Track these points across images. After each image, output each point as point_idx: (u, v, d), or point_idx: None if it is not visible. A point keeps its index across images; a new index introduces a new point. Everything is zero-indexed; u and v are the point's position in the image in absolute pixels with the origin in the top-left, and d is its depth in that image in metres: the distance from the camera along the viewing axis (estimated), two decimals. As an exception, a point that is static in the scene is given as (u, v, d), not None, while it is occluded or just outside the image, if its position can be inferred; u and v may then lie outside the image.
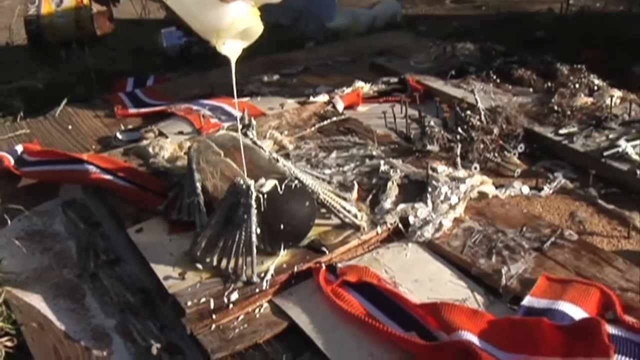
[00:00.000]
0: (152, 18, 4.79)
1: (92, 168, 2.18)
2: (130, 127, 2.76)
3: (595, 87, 2.68)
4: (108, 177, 2.15)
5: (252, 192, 1.60)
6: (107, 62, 3.81)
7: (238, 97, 2.77)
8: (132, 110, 2.92)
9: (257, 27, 1.54)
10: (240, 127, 2.01)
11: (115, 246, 1.95)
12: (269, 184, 1.63)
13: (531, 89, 2.75)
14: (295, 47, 3.82)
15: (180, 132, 2.55)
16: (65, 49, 4.01)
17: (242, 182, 1.63)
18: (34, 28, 4.37)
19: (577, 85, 2.68)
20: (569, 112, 2.47)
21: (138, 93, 3.13)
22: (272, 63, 3.39)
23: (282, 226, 1.65)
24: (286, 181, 1.67)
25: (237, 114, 2.57)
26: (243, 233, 1.62)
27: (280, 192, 1.64)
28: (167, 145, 2.32)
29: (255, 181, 1.64)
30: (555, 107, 2.51)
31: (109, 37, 4.45)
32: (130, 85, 3.29)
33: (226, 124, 2.56)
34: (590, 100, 2.57)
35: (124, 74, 3.51)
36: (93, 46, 4.12)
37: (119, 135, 2.65)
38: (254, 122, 2.09)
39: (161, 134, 2.54)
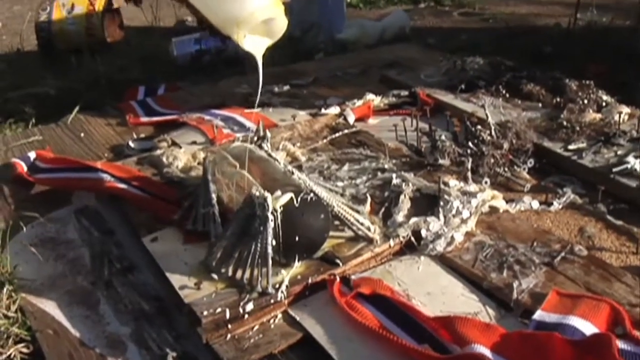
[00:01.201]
0: (162, 26, 4.82)
1: (106, 176, 2.20)
2: (142, 135, 2.78)
3: (604, 103, 2.70)
4: (122, 185, 2.17)
5: (268, 205, 1.62)
6: (118, 70, 3.83)
7: (248, 107, 2.84)
8: (144, 119, 2.95)
9: (281, 22, 1.51)
10: (255, 138, 2.03)
11: (129, 254, 1.96)
12: (285, 197, 1.65)
13: (540, 104, 2.78)
14: (305, 58, 3.85)
15: (194, 142, 2.57)
16: (75, 56, 4.04)
17: (258, 194, 1.65)
18: (45, 34, 4.40)
19: (585, 101, 2.71)
20: (577, 128, 2.49)
21: (149, 101, 3.15)
22: (282, 74, 3.41)
23: (297, 238, 1.67)
24: (302, 194, 1.69)
25: (250, 124, 2.62)
26: (259, 244, 1.64)
27: (296, 205, 1.66)
28: (181, 155, 2.34)
29: (271, 194, 1.66)
30: (564, 123, 2.54)
31: (119, 44, 4.48)
32: (141, 94, 3.31)
33: (239, 135, 2.58)
34: (598, 116, 2.60)
35: (134, 82, 3.53)
36: (103, 53, 4.15)
37: (131, 144, 2.67)
38: (268, 134, 2.12)
39: (174, 143, 2.56)
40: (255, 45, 1.55)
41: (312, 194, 1.72)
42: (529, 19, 5.03)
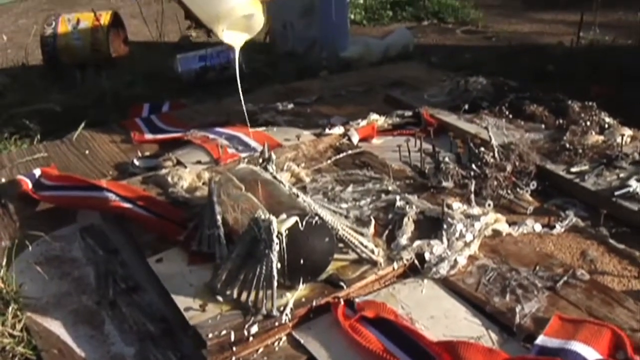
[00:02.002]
0: (167, 41, 4.85)
1: (111, 196, 2.22)
2: (147, 153, 2.81)
3: (606, 125, 2.72)
4: (128, 205, 2.18)
5: (273, 229, 1.63)
6: (123, 86, 3.86)
7: (253, 126, 2.87)
8: (149, 137, 2.97)
9: (259, 18, 1.62)
10: (260, 160, 2.05)
11: (134, 274, 1.97)
12: (290, 221, 1.67)
13: (543, 126, 2.80)
14: (308, 76, 3.88)
15: (199, 162, 2.59)
16: (80, 71, 4.06)
17: (263, 217, 1.67)
18: (50, 49, 4.42)
19: (588, 123, 2.73)
20: (580, 150, 2.51)
21: (154, 119, 3.18)
22: (286, 91, 3.44)
23: (302, 261, 1.69)
24: (307, 217, 1.71)
25: (254, 143, 2.64)
26: (264, 267, 1.66)
27: (301, 229, 1.68)
28: (186, 175, 2.36)
29: (277, 217, 1.68)
30: (567, 145, 2.56)
31: (124, 60, 4.51)
32: (146, 111, 3.33)
33: (244, 155, 2.61)
34: (601, 138, 2.62)
35: (139, 98, 3.55)
36: (108, 69, 4.18)
37: (136, 162, 2.68)
38: (273, 156, 2.14)
39: (179, 162, 2.58)
40: (234, 38, 1.64)
41: (317, 218, 1.74)
42: (532, 38, 5.06)
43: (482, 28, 5.40)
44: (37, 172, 2.56)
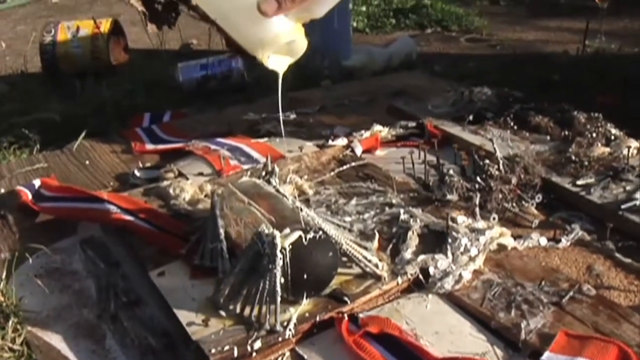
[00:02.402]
0: (167, 49, 4.87)
1: (113, 208, 2.23)
2: (148, 164, 2.82)
3: (612, 137, 2.73)
4: (129, 217, 2.19)
5: (277, 243, 1.65)
6: (123, 95, 3.87)
7: (255, 137, 2.88)
8: (150, 147, 2.99)
9: (302, 43, 1.62)
10: (263, 173, 2.07)
11: (135, 287, 1.98)
12: (293, 235, 1.68)
13: (548, 137, 2.81)
14: (311, 85, 3.89)
15: (200, 174, 2.60)
16: (80, 80, 4.08)
17: (267, 232, 1.68)
18: (49, 57, 4.44)
19: (594, 135, 2.74)
20: (586, 163, 2.52)
21: (155, 129, 3.19)
22: (288, 101, 3.44)
23: (305, 276, 1.70)
24: (310, 232, 1.72)
25: (257, 155, 2.66)
26: (267, 282, 1.67)
27: (305, 243, 1.69)
28: (188, 187, 2.37)
29: (280, 231, 1.69)
30: (573, 157, 2.57)
31: (124, 68, 4.52)
32: (147, 121, 3.35)
33: (246, 166, 2.62)
34: (607, 150, 2.63)
35: (140, 108, 3.56)
36: (108, 77, 4.19)
37: (137, 173, 2.69)
38: (277, 169, 2.15)
39: (181, 174, 2.59)
40: (278, 64, 1.65)
41: (320, 232, 1.75)
42: (537, 46, 5.07)
43: (486, 36, 5.41)
44: (37, 182, 2.56)
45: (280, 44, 1.57)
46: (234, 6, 1.53)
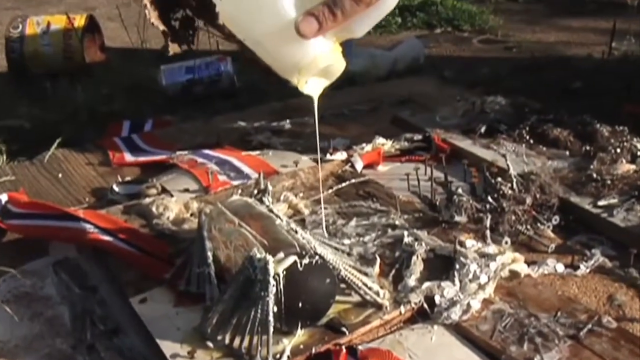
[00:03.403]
0: (149, 48, 4.91)
1: (89, 227, 2.26)
2: (128, 178, 2.86)
3: (639, 153, 2.78)
4: (107, 238, 2.23)
5: (270, 269, 1.69)
6: (100, 100, 3.92)
7: (246, 149, 2.92)
8: (130, 159, 3.03)
9: (340, 65, 1.62)
10: (255, 191, 2.12)
11: (114, 315, 2.01)
12: (288, 260, 1.73)
13: (567, 152, 2.86)
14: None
15: (186, 190, 2.65)
16: (51, 82, 4.12)
17: (259, 256, 1.73)
18: (16, 56, 4.49)
19: (618, 150, 2.78)
20: (609, 181, 2.56)
21: (135, 139, 3.24)
22: (283, 109, 3.50)
23: (300, 304, 1.75)
24: (306, 256, 1.77)
25: (248, 170, 2.71)
26: (259, 310, 1.71)
27: (300, 269, 1.74)
28: (172, 205, 2.42)
29: (273, 255, 1.74)
30: (594, 175, 2.61)
31: (100, 69, 4.57)
32: (126, 129, 3.40)
33: (236, 182, 2.67)
34: (632, 167, 2.68)
35: (118, 114, 3.62)
36: (83, 79, 4.23)
37: (115, 188, 2.73)
38: (270, 187, 2.20)
39: (164, 190, 2.64)
40: (314, 87, 1.67)
41: (317, 257, 1.80)
42: (558, 49, 5.13)
43: (501, 37, 5.48)
44: (4, 197, 2.58)
45: (319, 68, 1.58)
46: (267, 26, 1.51)
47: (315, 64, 1.55)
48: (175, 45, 3.79)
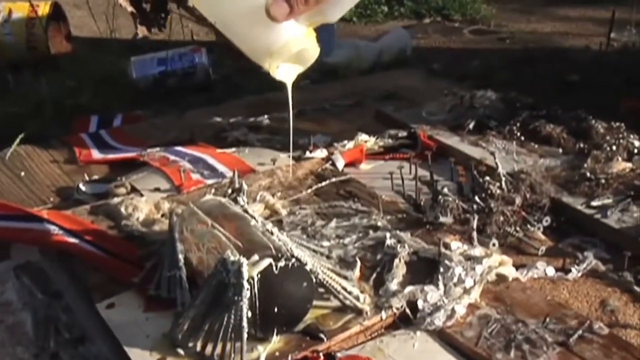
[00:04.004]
0: (118, 38, 4.90)
1: (53, 228, 2.28)
2: (95, 177, 2.87)
3: (635, 150, 2.83)
4: (73, 240, 2.26)
5: (244, 272, 1.72)
6: (66, 93, 3.92)
7: (221, 147, 2.94)
8: (97, 156, 3.05)
9: (313, 50, 1.64)
10: (229, 191, 2.14)
11: (79, 322, 2.03)
12: (263, 263, 1.76)
13: (560, 150, 2.90)
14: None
15: (157, 189, 2.67)
16: (13, 74, 4.12)
17: (232, 259, 1.75)
18: (-26, 46, 4.47)
19: (614, 147, 2.82)
20: (603, 180, 2.61)
21: (104, 135, 3.26)
22: (260, 104, 3.52)
23: (276, 309, 1.77)
24: (282, 259, 1.80)
25: (223, 168, 2.73)
26: (232, 316, 1.74)
27: (276, 272, 1.77)
28: (142, 205, 2.44)
29: (248, 258, 1.77)
30: (588, 174, 2.65)
31: (66, 60, 4.56)
32: (94, 125, 3.41)
33: (210, 181, 2.69)
34: (628, 166, 2.72)
35: (85, 109, 3.63)
36: (48, 71, 4.23)
37: (82, 187, 2.74)
38: (245, 186, 2.23)
39: (134, 189, 2.66)
40: (287, 73, 1.69)
41: (294, 259, 1.83)
42: (554, 39, 5.17)
43: (494, 27, 5.51)
44: (-39, 197, 2.60)
45: (291, 52, 1.61)
46: (238, 9, 1.54)
47: (287, 49, 1.58)
48: (143, 27, 3.82)
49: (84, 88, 4.01)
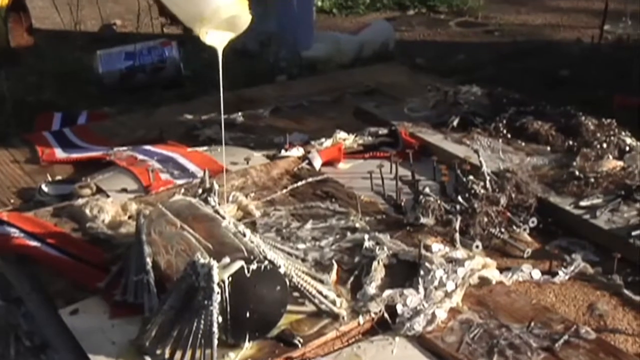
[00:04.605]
0: (83, 30, 4.88)
1: (13, 231, 2.31)
2: (58, 177, 2.88)
3: (627, 148, 2.87)
4: (34, 243, 2.28)
5: (214, 275, 1.74)
6: (27, 89, 3.91)
7: (192, 145, 2.96)
8: (61, 156, 3.07)
9: (245, 17, 1.70)
10: (199, 191, 2.15)
11: (41, 329, 2.04)
12: (234, 265, 1.78)
13: (548, 148, 2.94)
14: (263, 81, 4.00)
15: (124, 190, 2.68)
16: (-29, 69, 4.11)
17: (202, 262, 1.77)
18: None
19: (604, 145, 2.87)
20: (592, 179, 2.64)
21: (67, 133, 3.28)
22: (235, 100, 3.52)
23: (248, 314, 1.80)
24: (254, 262, 1.82)
25: (194, 167, 2.74)
26: (202, 321, 1.76)
27: (247, 275, 1.79)
28: (108, 207, 2.45)
29: (218, 260, 1.79)
30: (577, 172, 2.69)
31: (27, 54, 4.55)
32: (57, 122, 3.43)
33: (179, 181, 2.72)
34: (619, 164, 2.76)
35: (48, 106, 3.64)
36: (8, 66, 4.22)
37: (44, 188, 2.76)
38: (216, 186, 2.24)
39: (100, 190, 2.67)
40: (217, 39, 1.72)
41: (266, 262, 1.85)
42: (544, 32, 5.20)
43: (482, 19, 5.53)
44: None
45: (221, 18, 1.65)
46: None
47: (218, 14, 1.64)
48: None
49: (47, 83, 4.00)
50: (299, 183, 2.74)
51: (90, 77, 4.05)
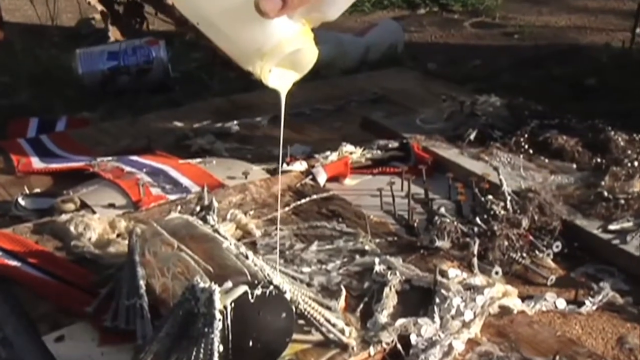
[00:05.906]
0: (60, 25, 4.89)
1: (-9, 250, 2.34)
2: (37, 190, 2.92)
3: (661, 167, 2.91)
4: (14, 263, 2.33)
5: (215, 300, 1.79)
6: (-1, 91, 3.96)
7: (184, 157, 3.00)
8: (38, 166, 3.11)
9: (311, 53, 1.67)
10: (197, 208, 2.19)
11: (22, 357, 2.07)
12: (237, 291, 1.83)
13: (574, 165, 2.99)
14: (260, 86, 3.96)
15: (111, 205, 2.73)
16: None
17: (202, 286, 1.82)
18: None
19: (635, 163, 2.91)
20: (622, 201, 2.69)
21: (45, 140, 3.33)
22: (230, 107, 3.61)
23: (251, 343, 1.84)
24: (259, 287, 1.86)
25: (187, 181, 2.79)
26: (202, 350, 1.80)
27: (251, 301, 1.83)
28: (95, 224, 2.50)
29: (220, 284, 1.84)
30: (605, 193, 2.73)
31: (-2, 52, 4.60)
32: (33, 129, 3.48)
33: (172, 196, 2.76)
34: (652, 184, 2.81)
35: (23, 110, 3.69)
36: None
37: (21, 202, 2.80)
38: (215, 203, 2.29)
39: (84, 205, 2.72)
40: (281, 80, 1.73)
41: (271, 287, 1.90)
42: (569, 35, 5.23)
43: (500, 20, 5.56)
44: None
45: (284, 53, 1.66)
46: (224, 5, 1.57)
47: (280, 49, 1.62)
48: (115, 29, 3.79)
49: (20, 85, 4.04)
50: (303, 200, 2.78)
51: (68, 78, 4.08)
